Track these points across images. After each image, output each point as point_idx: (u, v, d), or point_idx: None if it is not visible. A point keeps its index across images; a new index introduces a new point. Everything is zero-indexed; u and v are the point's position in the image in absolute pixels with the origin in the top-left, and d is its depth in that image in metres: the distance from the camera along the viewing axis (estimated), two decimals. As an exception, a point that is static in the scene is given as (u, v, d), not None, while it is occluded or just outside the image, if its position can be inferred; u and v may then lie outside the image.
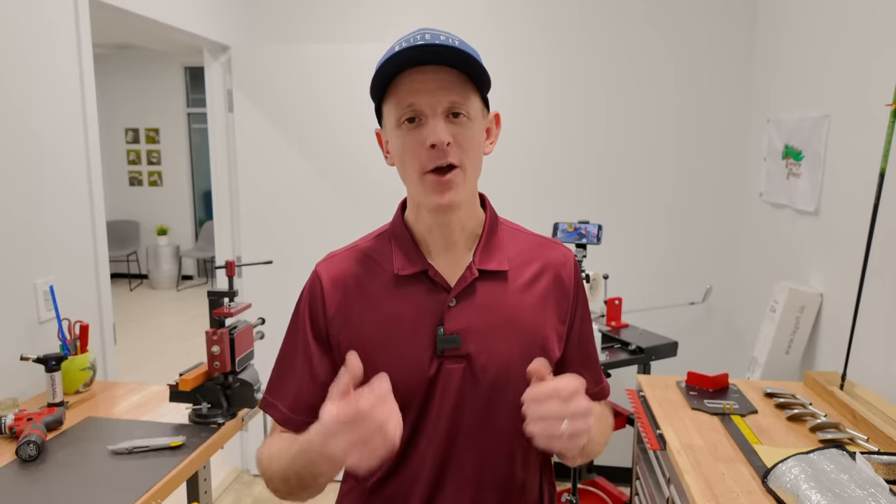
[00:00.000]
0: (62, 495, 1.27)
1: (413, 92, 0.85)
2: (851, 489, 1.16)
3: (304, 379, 0.96)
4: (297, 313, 0.99)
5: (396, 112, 0.88)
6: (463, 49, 0.84)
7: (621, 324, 2.65)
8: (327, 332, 0.95)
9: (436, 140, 0.85)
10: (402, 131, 0.88)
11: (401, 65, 0.85)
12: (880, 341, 1.72)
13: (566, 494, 2.41)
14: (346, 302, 0.95)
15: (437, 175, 0.87)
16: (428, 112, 0.86)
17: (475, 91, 0.89)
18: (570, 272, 1.02)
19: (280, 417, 0.97)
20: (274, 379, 1.00)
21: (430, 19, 2.88)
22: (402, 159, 0.90)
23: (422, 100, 0.85)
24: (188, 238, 7.95)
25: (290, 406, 0.96)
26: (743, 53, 2.76)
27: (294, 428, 0.95)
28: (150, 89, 7.71)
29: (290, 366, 0.98)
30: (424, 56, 0.84)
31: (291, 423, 0.96)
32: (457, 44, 0.85)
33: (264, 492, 3.03)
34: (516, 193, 2.97)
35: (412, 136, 0.87)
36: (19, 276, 1.78)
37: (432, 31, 0.88)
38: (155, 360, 5.11)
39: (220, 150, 3.03)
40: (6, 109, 1.74)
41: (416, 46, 0.83)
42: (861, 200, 1.81)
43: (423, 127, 0.86)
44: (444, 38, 0.86)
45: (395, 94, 0.87)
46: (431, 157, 0.86)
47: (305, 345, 0.96)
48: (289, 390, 0.97)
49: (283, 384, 0.98)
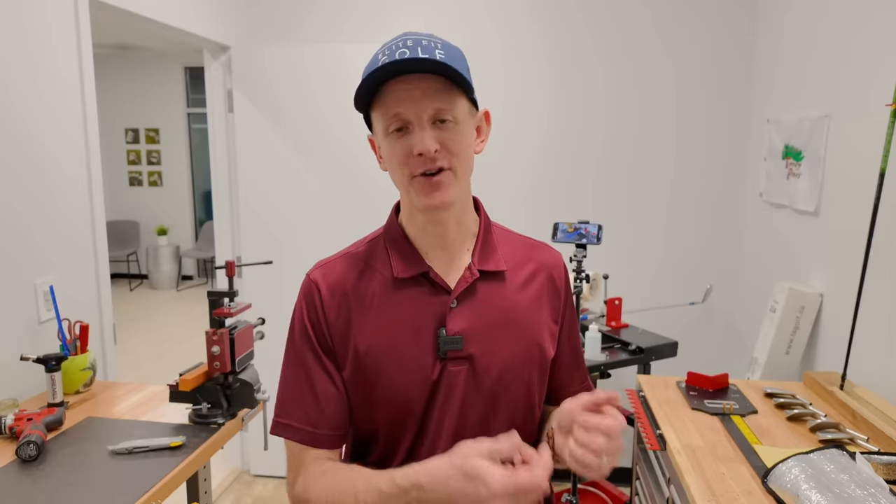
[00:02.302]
0: (62, 495, 1.27)
1: (398, 101, 0.86)
2: (851, 489, 1.16)
3: (318, 391, 0.92)
4: (296, 324, 0.96)
5: (384, 121, 0.89)
6: (441, 60, 0.84)
7: (621, 324, 2.65)
8: (331, 339, 0.93)
9: (422, 149, 0.86)
10: (390, 140, 0.89)
11: (385, 75, 0.86)
12: (880, 341, 1.72)
13: (566, 494, 2.41)
14: (347, 309, 0.93)
15: (426, 177, 0.88)
16: (414, 121, 0.87)
17: (461, 94, 0.90)
18: (561, 273, 1.04)
19: (304, 437, 0.92)
20: (283, 398, 0.95)
21: (429, 19, 2.88)
22: (393, 166, 0.91)
23: (407, 109, 0.86)
24: (188, 238, 7.95)
25: (311, 423, 0.92)
26: (743, 53, 2.76)
27: (325, 444, 0.92)
28: (150, 89, 7.70)
29: (300, 381, 0.93)
30: (407, 67, 0.85)
31: (319, 439, 0.92)
32: (438, 51, 0.86)
33: (264, 492, 3.03)
34: (516, 193, 2.97)
35: (400, 145, 0.88)
36: (19, 276, 1.78)
37: (414, 36, 0.89)
38: (155, 361, 5.11)
39: (220, 150, 3.03)
40: (6, 109, 1.73)
41: (395, 61, 0.84)
42: (861, 200, 1.81)
43: (411, 135, 0.87)
44: (426, 44, 0.87)
45: (382, 104, 0.88)
46: (419, 163, 0.88)
47: (313, 355, 0.93)
48: (304, 406, 0.92)
49: (297, 401, 0.93)
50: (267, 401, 1.76)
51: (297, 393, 0.93)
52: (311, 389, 0.93)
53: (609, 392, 0.82)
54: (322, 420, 0.92)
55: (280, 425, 0.94)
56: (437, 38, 0.90)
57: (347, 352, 0.92)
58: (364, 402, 0.93)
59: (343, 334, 0.93)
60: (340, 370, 0.93)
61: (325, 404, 0.92)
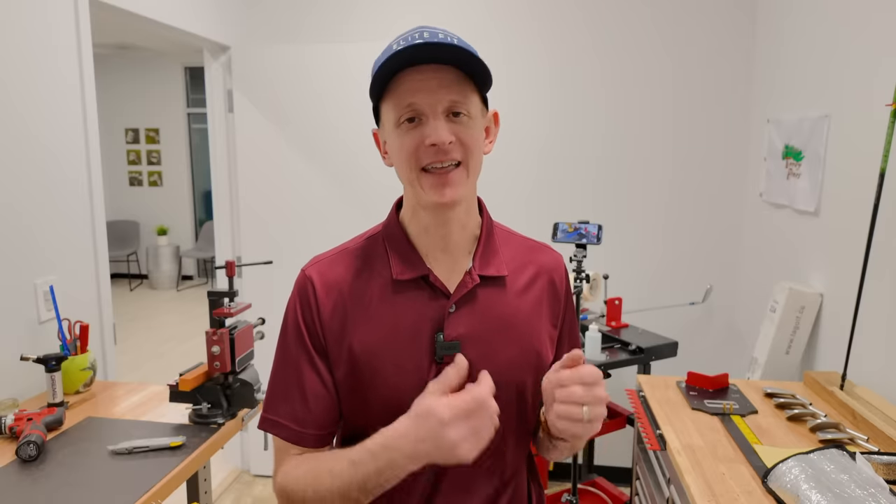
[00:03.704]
0: (62, 495, 1.27)
1: (413, 91, 0.84)
2: (851, 489, 1.16)
3: (307, 390, 0.91)
4: (289, 321, 0.94)
5: (396, 112, 0.86)
6: (462, 46, 0.83)
7: (621, 324, 2.65)
8: (324, 338, 0.91)
9: (437, 139, 0.83)
10: (401, 131, 0.86)
11: (400, 64, 0.84)
12: (880, 341, 1.72)
13: (566, 495, 2.41)
14: (342, 308, 0.91)
15: (437, 172, 0.86)
16: (428, 112, 0.84)
17: (475, 90, 0.88)
18: (561, 276, 1.02)
19: (290, 435, 0.91)
20: (272, 395, 0.93)
21: (429, 19, 2.88)
22: (400, 158, 0.88)
23: (422, 99, 0.84)
24: (188, 238, 7.95)
25: (297, 421, 0.91)
26: (743, 53, 2.76)
27: (310, 443, 0.91)
28: (150, 89, 7.71)
29: (290, 378, 0.92)
30: (424, 55, 0.83)
31: (305, 438, 0.91)
32: (455, 41, 0.84)
33: (264, 492, 3.03)
34: (516, 193, 2.97)
35: (411, 136, 0.86)
36: (19, 276, 1.78)
37: (430, 28, 0.87)
38: (155, 361, 5.11)
39: (220, 150, 3.03)
40: (6, 109, 1.74)
41: (414, 45, 0.82)
42: (861, 200, 1.81)
43: (424, 126, 0.85)
44: (442, 37, 0.85)
45: (395, 94, 0.86)
46: (430, 154, 0.85)
47: (305, 354, 0.92)
48: (292, 404, 0.91)
49: (285, 398, 0.92)
50: (267, 401, 1.76)
51: (285, 390, 0.92)
52: (300, 388, 0.91)
53: (572, 351, 0.82)
54: (309, 419, 0.91)
55: (267, 421, 0.93)
56: (453, 33, 0.88)
57: (342, 352, 0.91)
58: (357, 402, 0.92)
59: (337, 334, 0.91)
60: (332, 370, 0.92)
61: (313, 404, 0.91)
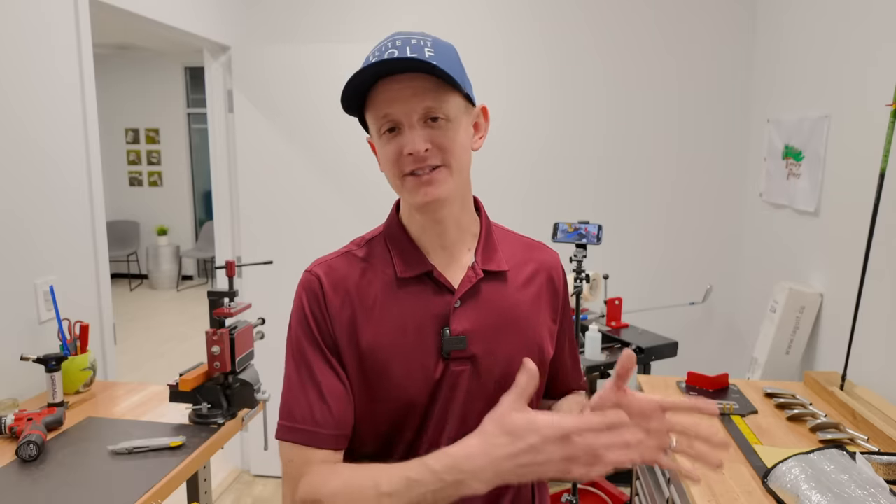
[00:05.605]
0: (62, 495, 1.27)
1: (388, 102, 0.86)
2: (851, 489, 1.16)
3: (324, 388, 0.89)
4: (298, 320, 0.94)
5: (376, 123, 0.89)
6: (429, 61, 0.83)
7: (621, 324, 2.65)
8: (334, 334, 0.91)
9: (412, 149, 0.85)
10: (383, 140, 0.89)
11: (374, 77, 0.86)
12: (880, 341, 1.72)
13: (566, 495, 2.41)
14: (350, 306, 0.92)
15: (417, 175, 0.88)
16: (404, 121, 0.86)
17: (453, 90, 0.89)
18: (559, 273, 1.05)
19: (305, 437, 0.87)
20: (287, 400, 0.91)
21: (429, 18, 2.88)
22: (386, 166, 0.91)
23: (397, 109, 0.86)
24: (188, 238, 7.95)
25: (314, 421, 0.88)
26: (743, 53, 2.76)
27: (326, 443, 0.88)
28: (150, 89, 7.70)
29: (304, 379, 0.90)
30: (395, 66, 0.85)
31: (320, 438, 0.88)
32: (427, 49, 0.85)
33: (264, 492, 3.02)
34: (516, 193, 2.97)
35: (392, 146, 0.88)
36: (19, 276, 1.78)
37: (404, 36, 0.88)
38: (155, 361, 5.11)
39: (220, 150, 3.03)
40: (6, 110, 1.73)
41: (382, 60, 0.83)
42: (861, 200, 1.81)
43: (401, 135, 0.87)
44: (414, 44, 0.86)
45: (373, 106, 0.88)
46: (409, 162, 0.87)
47: (318, 351, 0.91)
48: (309, 405, 0.89)
49: (301, 401, 0.89)
50: (267, 401, 1.76)
51: (301, 392, 0.90)
52: (316, 387, 0.90)
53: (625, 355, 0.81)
54: (328, 419, 0.89)
55: (283, 428, 0.89)
56: (429, 36, 0.89)
57: (351, 350, 0.91)
58: (365, 400, 0.92)
59: (347, 331, 0.91)
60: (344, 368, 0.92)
61: (331, 402, 0.89)
